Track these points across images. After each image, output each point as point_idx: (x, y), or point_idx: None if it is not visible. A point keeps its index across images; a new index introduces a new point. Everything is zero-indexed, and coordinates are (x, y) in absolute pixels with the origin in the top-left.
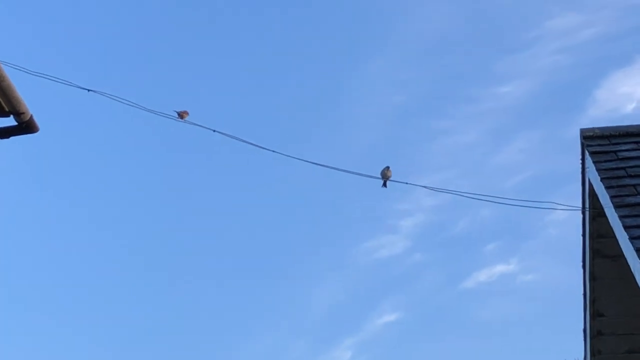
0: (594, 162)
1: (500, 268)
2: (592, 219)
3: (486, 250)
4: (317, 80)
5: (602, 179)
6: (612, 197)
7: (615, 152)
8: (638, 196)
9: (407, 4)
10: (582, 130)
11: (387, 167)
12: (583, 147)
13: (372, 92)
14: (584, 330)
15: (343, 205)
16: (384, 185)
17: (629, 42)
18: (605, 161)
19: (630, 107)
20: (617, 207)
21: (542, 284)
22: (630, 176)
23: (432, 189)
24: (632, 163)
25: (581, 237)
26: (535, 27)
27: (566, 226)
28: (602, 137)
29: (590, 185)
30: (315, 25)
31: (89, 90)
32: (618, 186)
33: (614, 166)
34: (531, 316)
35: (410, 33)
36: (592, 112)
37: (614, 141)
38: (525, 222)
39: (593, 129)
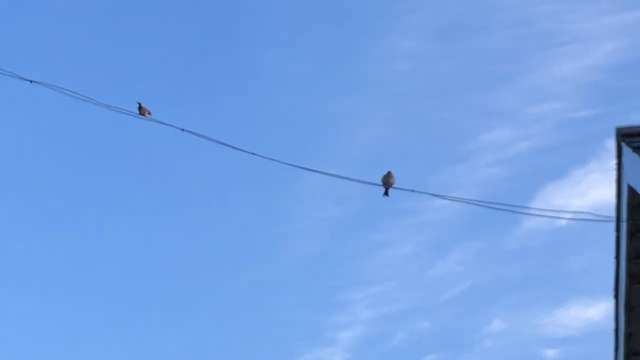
0: None
1: None
2: (631, 235)
3: None
4: (256, 196)
5: None
6: None
7: None
8: None
9: (345, 118)
10: (619, 129)
11: (389, 173)
12: (620, 148)
13: (310, 207)
14: None
15: (282, 317)
16: (386, 193)
17: (562, 155)
18: None
19: (564, 219)
20: None
21: None
22: None
23: (442, 197)
24: None
25: (614, 260)
26: (472, 140)
27: (503, 338)
28: None
29: (631, 192)
30: (253, 138)
31: (31, 81)
32: None
33: None
34: None
35: (347, 147)
36: (527, 224)
37: None
38: (462, 334)
39: (632, 126)
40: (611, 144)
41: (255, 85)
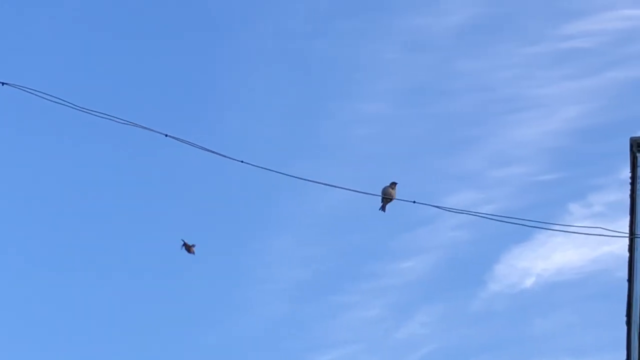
0: None
1: None
2: None
3: None
4: (221, 256)
5: None
6: None
7: None
8: None
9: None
10: (635, 139)
11: (393, 184)
12: (634, 158)
13: (274, 269)
14: None
15: None
16: (382, 208)
17: (527, 218)
18: None
19: (529, 282)
20: None
21: None
22: None
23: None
24: None
25: (627, 283)
26: (435, 203)
27: None
28: None
29: None
30: (219, 201)
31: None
32: None
33: None
34: None
35: (313, 207)
36: (492, 286)
37: None
38: None
39: None
40: (575, 207)
41: (220, 144)
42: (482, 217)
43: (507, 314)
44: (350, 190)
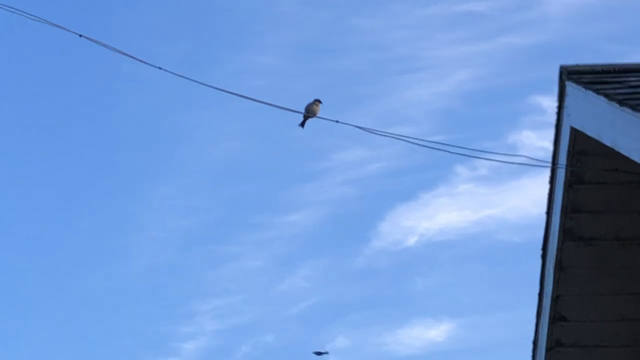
0: (597, 92)
1: None
2: (568, 186)
3: None
4: (107, 203)
5: (621, 102)
6: None
7: (620, 82)
8: None
9: (200, 130)
10: (565, 67)
11: (317, 101)
12: (563, 88)
13: (159, 218)
14: (535, 342)
15: (126, 325)
16: (302, 124)
17: (412, 178)
18: (615, 89)
19: (412, 240)
20: None
21: None
22: None
23: (371, 131)
24: None
25: (545, 215)
26: (324, 159)
27: (346, 355)
28: (592, 72)
29: (573, 138)
30: (106, 148)
31: None
32: None
33: (631, 91)
34: None
35: (202, 158)
36: (376, 243)
37: (610, 77)
38: (306, 349)
39: (578, 65)
40: (461, 169)
41: (112, 93)
42: (410, 142)
43: (389, 271)
44: (269, 105)
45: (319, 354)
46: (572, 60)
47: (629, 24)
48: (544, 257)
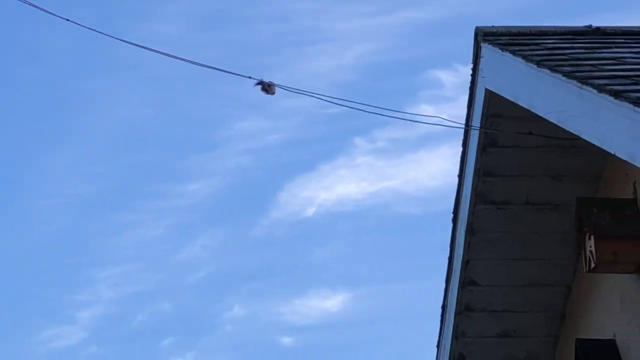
0: (514, 53)
1: None
2: (482, 149)
3: (163, 345)
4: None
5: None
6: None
7: (537, 44)
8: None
9: (102, 97)
10: (480, 29)
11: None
12: (478, 49)
13: (55, 184)
14: (444, 306)
15: (21, 292)
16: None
17: (311, 149)
18: (532, 50)
19: (310, 211)
20: (582, 81)
21: None
22: (578, 60)
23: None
24: (572, 51)
25: (457, 178)
26: (224, 128)
27: (243, 324)
28: (508, 34)
29: (488, 100)
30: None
31: None
32: (570, 65)
33: (548, 53)
34: None
35: (104, 124)
36: (274, 213)
37: (526, 40)
38: (203, 318)
39: (493, 27)
40: (360, 141)
41: (10, 55)
42: (330, 101)
43: (287, 242)
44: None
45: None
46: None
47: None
48: (455, 220)
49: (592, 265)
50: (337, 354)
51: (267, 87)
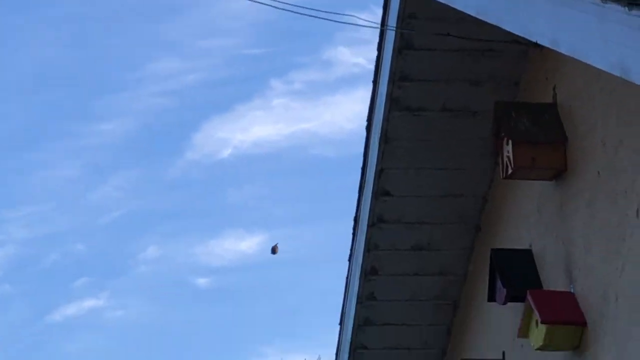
0: None
1: (89, 303)
2: (398, 52)
3: (77, 285)
4: None
5: None
6: None
7: None
8: None
9: (11, 35)
10: None
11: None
12: None
13: None
14: (356, 218)
15: None
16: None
17: (228, 90)
18: None
19: (226, 153)
20: None
21: (131, 321)
22: None
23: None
24: None
25: (372, 84)
26: (139, 68)
27: (157, 265)
28: None
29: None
30: None
31: None
32: None
33: None
34: (118, 349)
35: (10, 65)
36: (190, 154)
37: None
38: (117, 258)
39: None
40: (276, 82)
41: None
42: (278, 7)
43: (203, 183)
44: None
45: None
46: None
47: None
48: (368, 128)
49: (510, 171)
50: (252, 295)
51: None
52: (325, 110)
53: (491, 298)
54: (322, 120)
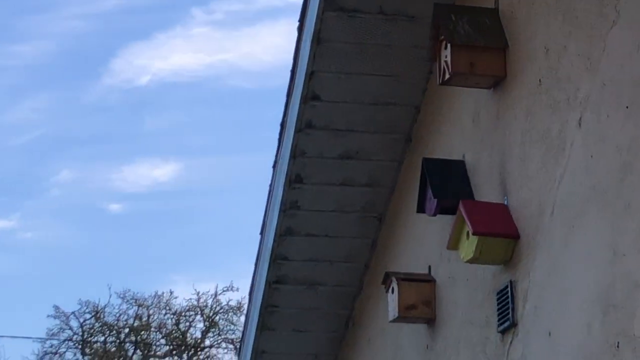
0: None
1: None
2: None
3: None
4: None
5: None
6: None
7: None
8: None
9: None
10: None
11: None
12: None
13: None
14: (283, 123)
15: None
16: None
17: (148, 17)
18: None
19: (145, 80)
20: None
21: (42, 243)
22: None
23: None
24: None
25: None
26: None
27: (70, 189)
28: None
29: None
30: None
31: None
32: None
33: None
34: (28, 271)
35: None
36: (107, 80)
37: None
38: (29, 181)
39: None
40: (197, 11)
41: None
42: None
43: (119, 109)
44: None
45: None
46: None
47: None
48: (300, 28)
49: (447, 76)
50: (164, 223)
51: None
52: (245, 41)
53: (420, 209)
54: (242, 52)
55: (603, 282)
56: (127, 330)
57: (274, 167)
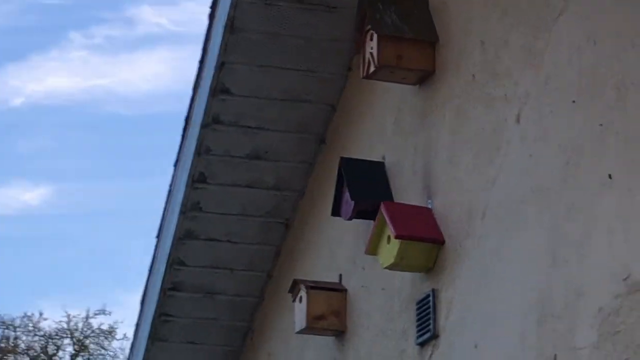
0: None
1: None
2: None
3: None
4: None
5: None
6: None
7: None
8: None
9: None
10: None
11: None
12: None
13: None
14: (188, 119)
15: None
16: None
17: (24, 39)
18: None
19: (18, 101)
20: None
21: None
22: None
23: None
24: None
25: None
26: None
27: None
28: None
29: None
30: None
31: None
32: None
33: None
34: None
35: None
36: None
37: None
38: None
39: None
40: (76, 35)
41: None
42: None
43: None
44: None
45: None
46: None
47: None
48: (212, 16)
49: (372, 69)
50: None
51: None
52: (123, 68)
53: (336, 212)
54: (119, 78)
55: (540, 290)
56: None
57: (175, 165)
